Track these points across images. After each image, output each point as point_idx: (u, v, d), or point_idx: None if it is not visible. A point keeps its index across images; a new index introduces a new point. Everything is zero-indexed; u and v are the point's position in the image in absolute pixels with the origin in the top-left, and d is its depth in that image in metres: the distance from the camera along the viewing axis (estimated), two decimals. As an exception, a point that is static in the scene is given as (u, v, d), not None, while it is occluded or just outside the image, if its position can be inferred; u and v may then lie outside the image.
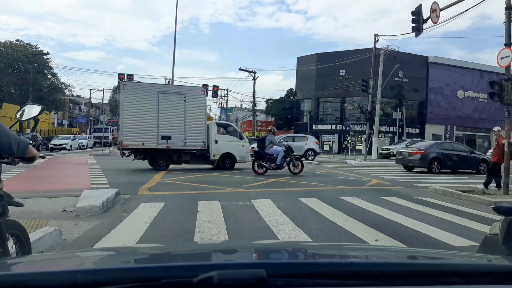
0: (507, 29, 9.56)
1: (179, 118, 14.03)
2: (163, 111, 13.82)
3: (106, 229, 5.22)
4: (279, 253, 1.50)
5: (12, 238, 2.47)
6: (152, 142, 13.79)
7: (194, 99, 14.41)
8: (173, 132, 13.98)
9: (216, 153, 14.91)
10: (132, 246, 3.70)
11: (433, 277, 1.05)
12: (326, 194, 9.15)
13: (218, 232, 5.19)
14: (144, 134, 13.68)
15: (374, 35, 27.71)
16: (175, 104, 14.03)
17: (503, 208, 1.89)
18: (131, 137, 13.62)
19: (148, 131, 13.70)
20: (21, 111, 2.84)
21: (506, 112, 9.69)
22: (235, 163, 15.33)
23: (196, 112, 14.45)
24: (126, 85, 14.23)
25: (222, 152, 15.01)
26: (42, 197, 7.44)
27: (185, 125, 14.10)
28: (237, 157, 15.28)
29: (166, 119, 13.86)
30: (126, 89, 13.77)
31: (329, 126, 41.52)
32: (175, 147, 14.13)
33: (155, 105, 13.72)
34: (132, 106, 13.61)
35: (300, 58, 44.02)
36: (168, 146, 13.99)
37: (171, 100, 14.03)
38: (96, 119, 62.47)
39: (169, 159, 14.44)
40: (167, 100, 13.96)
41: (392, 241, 4.98)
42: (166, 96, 14.01)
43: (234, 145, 15.24)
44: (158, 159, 14.29)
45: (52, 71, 40.17)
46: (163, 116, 13.80)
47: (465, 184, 11.72)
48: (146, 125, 13.66)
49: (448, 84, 40.47)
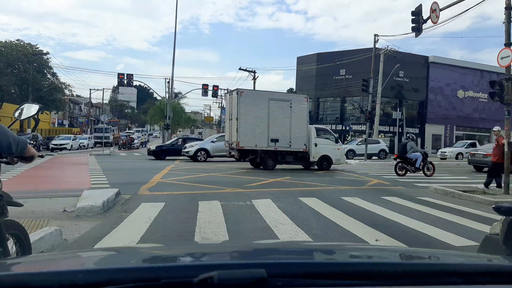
0: (507, 29, 9.56)
1: (285, 123, 15.44)
2: (272, 116, 15.26)
3: (107, 229, 5.22)
4: (280, 253, 1.50)
5: (12, 238, 2.47)
6: (263, 144, 15.23)
7: (299, 106, 15.88)
8: (280, 135, 15.38)
9: (315, 155, 16.19)
10: (132, 246, 3.70)
11: (433, 277, 1.05)
12: (327, 194, 9.15)
13: (218, 232, 5.19)
14: (256, 137, 15.16)
15: (374, 35, 27.73)
16: (282, 110, 15.44)
17: (504, 208, 1.88)
18: (246, 139, 15.05)
19: (260, 134, 15.20)
20: (20, 110, 2.84)
21: (506, 112, 9.68)
22: (331, 165, 16.63)
23: (300, 117, 15.91)
24: (243, 92, 15.42)
25: (321, 154, 16.31)
26: (42, 197, 7.44)
27: (290, 129, 15.51)
28: (333, 159, 16.60)
29: (275, 123, 15.30)
30: (243, 96, 15.09)
31: (329, 126, 41.39)
32: (282, 149, 15.53)
33: (266, 111, 15.20)
34: (248, 111, 15.06)
35: (300, 58, 44.00)
36: (276, 148, 15.38)
37: (279, 106, 15.46)
38: (97, 119, 62.48)
39: (276, 160, 15.81)
40: (276, 106, 15.40)
41: (392, 241, 4.98)
42: (275, 102, 15.48)
43: (331, 148, 16.59)
44: (267, 159, 15.63)
45: (51, 71, 40.19)
46: (272, 120, 15.26)
47: (465, 184, 11.72)
48: (258, 128, 15.18)
49: (448, 84, 40.45)
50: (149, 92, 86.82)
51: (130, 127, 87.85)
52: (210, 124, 77.87)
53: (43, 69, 38.43)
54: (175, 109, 45.60)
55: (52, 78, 40.30)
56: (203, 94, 32.91)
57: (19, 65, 35.72)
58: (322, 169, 16.21)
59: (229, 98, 16.21)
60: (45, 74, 38.98)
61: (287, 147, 15.47)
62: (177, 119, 49.12)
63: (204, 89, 32.74)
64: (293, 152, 15.83)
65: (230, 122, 15.90)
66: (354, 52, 36.22)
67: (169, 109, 35.25)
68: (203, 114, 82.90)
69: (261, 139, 15.13)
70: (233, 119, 15.34)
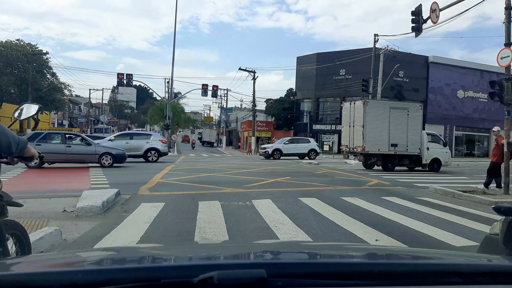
0: (507, 29, 9.56)
1: (403, 129, 17.03)
2: (392, 123, 16.89)
3: (107, 229, 5.21)
4: (280, 253, 1.50)
5: (12, 238, 2.47)
6: (384, 148, 16.90)
7: (415, 113, 17.41)
8: (398, 140, 16.96)
9: (428, 158, 17.62)
10: (132, 246, 3.70)
11: (433, 277, 1.05)
12: (327, 194, 9.15)
13: (218, 232, 5.19)
14: (379, 142, 16.76)
15: (374, 35, 27.73)
16: (401, 117, 17.05)
17: (504, 208, 1.88)
18: (372, 144, 16.67)
19: (382, 139, 16.77)
20: (19, 110, 2.84)
21: (506, 112, 9.69)
22: (440, 166, 18.00)
23: (415, 123, 17.44)
24: (369, 102, 17.35)
25: (432, 157, 17.74)
26: (42, 197, 7.43)
27: (407, 134, 17.08)
28: (442, 161, 17.98)
29: (394, 129, 16.91)
30: (369, 106, 16.80)
31: (329, 126, 41.47)
32: (400, 152, 17.12)
33: (387, 118, 16.84)
34: (372, 119, 16.65)
35: (300, 58, 43.99)
36: (395, 151, 17.02)
37: (398, 114, 17.09)
38: (96, 119, 62.47)
39: (394, 162, 17.39)
40: (395, 114, 17.05)
41: (392, 241, 4.98)
42: (395, 110, 17.16)
43: (440, 151, 18.09)
44: (388, 162, 17.26)
45: (51, 71, 40.19)
46: (392, 127, 16.88)
47: (465, 184, 11.73)
48: (381, 134, 16.75)
49: (448, 84, 40.44)
50: (148, 92, 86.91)
51: (130, 127, 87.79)
52: (210, 124, 77.88)
53: (42, 69, 38.42)
54: (175, 109, 45.64)
55: (52, 78, 40.31)
56: (202, 94, 32.95)
57: (19, 65, 35.71)
58: (433, 171, 17.68)
59: (350, 106, 17.78)
60: (44, 74, 38.98)
61: (404, 151, 17.09)
62: (176, 119, 49.15)
63: (204, 89, 32.77)
64: (409, 155, 17.39)
65: (351, 129, 17.53)
66: (354, 52, 36.21)
67: (168, 109, 35.26)
68: (203, 114, 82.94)
69: (383, 144, 16.81)
70: (355, 126, 17.13)
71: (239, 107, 58.44)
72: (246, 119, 49.07)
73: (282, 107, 45.15)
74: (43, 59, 38.54)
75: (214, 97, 35.91)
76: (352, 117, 17.44)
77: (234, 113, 61.85)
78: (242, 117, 54.00)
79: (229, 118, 59.35)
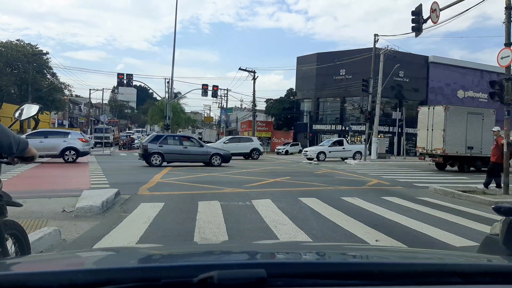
0: (507, 29, 9.56)
1: (478, 133, 18.04)
2: (469, 127, 17.96)
3: (106, 229, 5.21)
4: (279, 253, 1.50)
5: (11, 238, 2.47)
6: (462, 150, 17.92)
7: (488, 118, 18.39)
8: (474, 143, 17.97)
9: None
10: (132, 246, 3.70)
11: (433, 277, 1.04)
12: (326, 194, 9.15)
13: (218, 232, 5.18)
14: (457, 145, 17.82)
15: (374, 35, 27.67)
16: (476, 122, 18.17)
17: (504, 208, 1.88)
18: (451, 146, 17.69)
19: (460, 142, 17.82)
20: (20, 111, 2.84)
21: (506, 112, 9.69)
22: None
23: (489, 127, 17.44)
24: (450, 108, 18.34)
25: None
26: (42, 197, 7.43)
27: (481, 138, 18.00)
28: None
29: (470, 133, 17.96)
30: (449, 111, 17.92)
31: (329, 126, 41.52)
32: (475, 155, 18.04)
33: (465, 123, 17.96)
34: (452, 123, 17.68)
35: (300, 58, 44.03)
36: (471, 154, 17.99)
37: (474, 119, 18.23)
38: (96, 119, 62.44)
39: (469, 164, 18.33)
40: (472, 119, 18.19)
41: (392, 241, 4.98)
42: (472, 115, 18.31)
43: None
44: (464, 163, 18.36)
45: (51, 71, 40.15)
46: (469, 131, 17.94)
47: (465, 184, 11.73)
48: (459, 138, 17.78)
49: (448, 84, 40.48)
50: (148, 92, 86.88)
51: (130, 127, 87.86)
52: (210, 124, 77.89)
53: (43, 69, 38.40)
54: (175, 109, 45.61)
55: (52, 78, 40.28)
56: (203, 94, 32.91)
57: (19, 65, 35.70)
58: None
59: (429, 111, 18.80)
60: (44, 74, 38.96)
61: (478, 153, 17.94)
62: (176, 119, 49.14)
63: (204, 89, 32.73)
64: (482, 157, 17.80)
65: (429, 132, 18.48)
66: (354, 52, 36.22)
67: (169, 109, 35.24)
68: (203, 114, 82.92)
69: (461, 146, 17.84)
70: (435, 129, 18.14)
71: (239, 107, 58.49)
72: (246, 119, 49.13)
73: (282, 107, 45.20)
74: (43, 59, 38.52)
75: (214, 97, 35.87)
76: (431, 121, 18.42)
77: (234, 113, 61.91)
78: (242, 117, 54.08)
79: (229, 118, 59.38)
